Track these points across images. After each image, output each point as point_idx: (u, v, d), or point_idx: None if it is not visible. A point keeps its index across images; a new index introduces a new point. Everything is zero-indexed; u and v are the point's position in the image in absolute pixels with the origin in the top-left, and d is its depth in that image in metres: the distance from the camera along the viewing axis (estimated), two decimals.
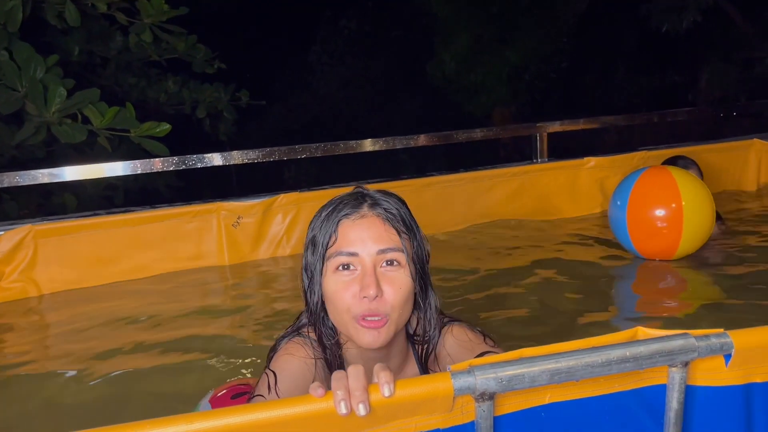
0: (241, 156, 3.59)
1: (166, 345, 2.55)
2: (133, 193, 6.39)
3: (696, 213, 2.89)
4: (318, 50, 12.86)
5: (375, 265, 1.31)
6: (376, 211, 1.35)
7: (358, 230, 1.32)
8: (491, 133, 4.43)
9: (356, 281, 1.30)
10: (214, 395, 1.79)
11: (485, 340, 1.46)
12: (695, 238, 2.94)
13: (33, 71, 3.80)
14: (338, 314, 1.34)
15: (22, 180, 3.28)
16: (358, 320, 1.30)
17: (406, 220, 1.37)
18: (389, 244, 1.32)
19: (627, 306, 2.65)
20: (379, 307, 1.29)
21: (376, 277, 1.29)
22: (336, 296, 1.32)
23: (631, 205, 3.02)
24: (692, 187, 2.94)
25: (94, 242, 3.25)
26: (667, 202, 2.91)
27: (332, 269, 1.33)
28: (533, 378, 0.95)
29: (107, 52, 5.85)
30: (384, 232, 1.32)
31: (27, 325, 2.91)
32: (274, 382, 1.35)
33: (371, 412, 0.92)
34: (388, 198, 1.39)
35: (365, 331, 1.30)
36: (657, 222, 2.93)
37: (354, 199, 1.37)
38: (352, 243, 1.31)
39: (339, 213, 1.34)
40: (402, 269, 1.32)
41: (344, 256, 1.31)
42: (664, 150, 4.17)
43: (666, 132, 8.51)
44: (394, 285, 1.31)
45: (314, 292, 1.38)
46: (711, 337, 1.01)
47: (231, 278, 3.32)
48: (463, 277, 3.08)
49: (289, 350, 1.42)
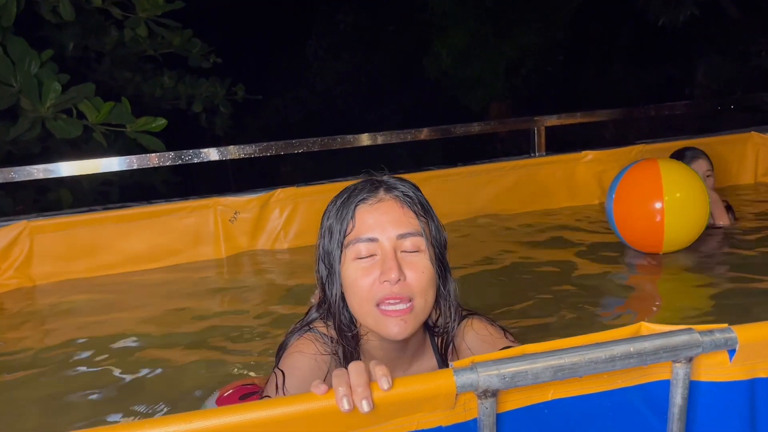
0: (238, 151, 3.58)
1: (163, 342, 2.54)
2: (129, 189, 6.36)
3: (680, 207, 2.83)
4: (314, 45, 12.79)
5: (395, 250, 1.27)
6: (393, 194, 1.32)
7: (375, 214, 1.29)
8: (489, 127, 4.42)
9: (376, 266, 1.27)
10: (220, 396, 1.77)
11: (506, 335, 1.44)
12: (681, 232, 2.89)
13: (27, 66, 3.77)
14: (359, 304, 1.29)
15: (18, 176, 3.26)
16: (381, 310, 1.26)
17: (423, 203, 1.35)
18: (408, 228, 1.29)
19: (628, 300, 2.63)
20: (402, 291, 1.26)
21: (397, 260, 1.26)
22: (356, 284, 1.28)
23: (617, 199, 3.00)
24: (679, 181, 2.87)
25: (90, 238, 3.23)
26: (649, 197, 2.87)
27: (351, 257, 1.29)
28: (536, 374, 0.94)
29: (102, 46, 5.82)
30: (402, 215, 1.30)
31: (21, 320, 2.89)
32: (282, 383, 1.31)
33: (373, 409, 0.91)
34: (404, 182, 1.36)
35: (390, 321, 1.26)
36: (639, 217, 2.91)
37: (369, 184, 1.34)
38: (371, 228, 1.28)
39: (355, 198, 1.31)
40: (422, 254, 1.29)
41: (363, 242, 1.28)
42: (661, 143, 4.17)
43: (663, 125, 8.51)
44: (417, 269, 1.28)
45: (333, 282, 1.34)
46: (715, 333, 1.00)
47: (228, 273, 3.31)
48: (459, 272, 3.07)
49: (299, 347, 1.38)
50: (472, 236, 3.65)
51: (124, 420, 1.92)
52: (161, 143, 4.07)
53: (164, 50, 5.82)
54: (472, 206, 3.87)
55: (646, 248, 3.04)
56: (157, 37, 5.58)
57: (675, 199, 2.84)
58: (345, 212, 1.31)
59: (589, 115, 4.50)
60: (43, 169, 3.31)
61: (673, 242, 2.94)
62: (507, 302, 2.65)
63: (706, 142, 4.13)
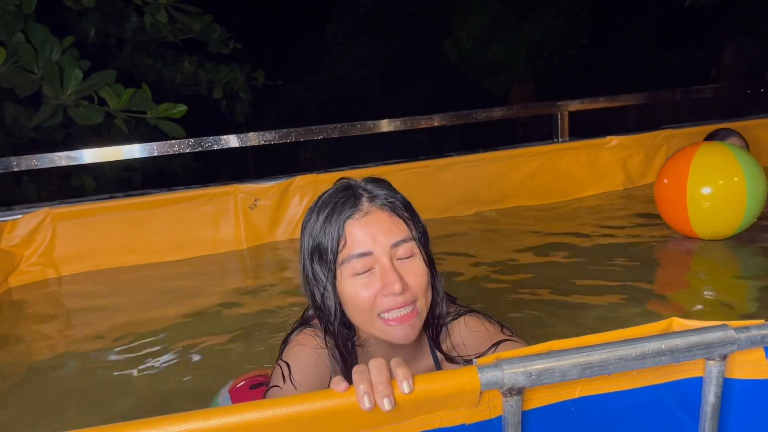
0: (258, 138, 3.56)
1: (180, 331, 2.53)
2: (151, 174, 6.41)
3: (703, 192, 2.81)
4: (333, 29, 12.71)
5: (391, 260, 1.27)
6: (378, 203, 1.30)
7: (365, 228, 1.27)
8: (511, 112, 4.35)
9: (375, 280, 1.27)
10: (233, 385, 1.78)
11: (502, 330, 1.43)
12: (705, 217, 2.86)
13: (49, 53, 3.78)
14: (361, 316, 1.30)
15: (40, 163, 3.28)
16: (385, 320, 1.28)
17: (406, 204, 1.35)
18: (400, 236, 1.29)
19: (659, 292, 2.55)
20: (407, 299, 1.27)
21: (396, 272, 1.26)
22: (357, 299, 1.28)
23: (656, 181, 3.05)
24: (708, 166, 2.81)
25: (112, 225, 3.25)
26: (675, 180, 2.88)
27: (348, 275, 1.28)
28: (563, 372, 0.91)
29: (123, 33, 5.83)
30: (392, 224, 1.29)
31: (45, 307, 2.92)
32: (288, 373, 1.34)
33: (395, 407, 0.88)
34: (381, 186, 1.35)
35: (396, 328, 1.27)
36: (665, 199, 2.96)
37: (349, 196, 1.31)
38: (363, 243, 1.27)
39: (341, 215, 1.28)
40: (416, 257, 1.30)
41: (358, 258, 1.27)
42: (688, 128, 4.08)
43: (688, 109, 8.34)
44: (416, 274, 1.29)
45: (327, 301, 1.33)
46: (751, 329, 0.96)
47: (249, 260, 3.31)
48: (484, 261, 3.04)
49: (300, 341, 1.41)
50: (494, 224, 3.61)
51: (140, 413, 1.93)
52: (182, 129, 4.08)
53: (184, 36, 5.81)
54: (494, 193, 3.83)
55: (680, 231, 3.02)
56: (177, 23, 5.58)
57: (699, 181, 2.81)
58: (332, 229, 1.29)
59: (613, 99, 4.42)
60: (66, 157, 3.33)
61: (700, 228, 2.90)
62: (530, 292, 2.61)
63: (741, 125, 4.03)
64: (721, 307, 2.34)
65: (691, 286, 2.63)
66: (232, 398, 1.72)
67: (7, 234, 3.08)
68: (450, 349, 1.42)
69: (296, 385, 1.33)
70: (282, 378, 1.34)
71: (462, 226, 3.58)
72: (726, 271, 2.79)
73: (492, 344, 1.37)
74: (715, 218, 2.86)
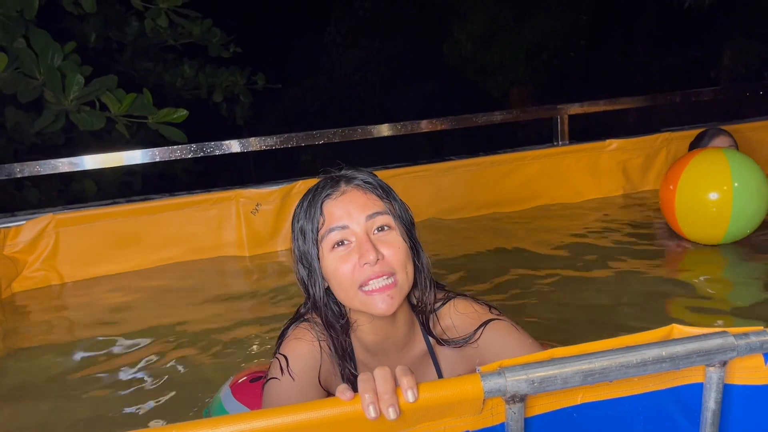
0: (259, 143, 3.58)
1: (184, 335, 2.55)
2: (152, 178, 6.42)
3: (690, 196, 2.87)
4: (332, 32, 12.73)
5: (367, 233, 1.33)
6: (354, 183, 1.38)
7: (341, 204, 1.35)
8: (511, 116, 4.36)
9: (354, 252, 1.32)
10: (234, 381, 1.81)
11: (490, 310, 1.48)
12: (689, 220, 2.92)
13: (51, 59, 3.79)
14: (344, 290, 1.34)
15: (43, 169, 3.30)
16: (366, 291, 1.31)
17: (383, 186, 1.41)
18: (375, 209, 1.35)
19: (659, 297, 2.54)
20: (383, 269, 1.31)
21: (371, 242, 1.32)
22: (338, 272, 1.33)
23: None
24: (699, 172, 2.86)
25: (115, 230, 3.26)
26: (666, 184, 2.99)
27: (328, 249, 1.34)
28: (566, 379, 0.92)
29: (123, 37, 5.85)
30: (367, 199, 1.36)
31: (48, 312, 2.93)
32: (286, 365, 1.39)
33: (400, 416, 0.90)
34: (361, 171, 1.42)
35: (376, 298, 1.31)
36: (662, 199, 3.04)
37: (330, 180, 1.40)
38: (340, 217, 1.34)
39: (320, 196, 1.37)
40: (393, 230, 1.35)
41: (335, 231, 1.33)
42: (687, 131, 4.09)
43: (687, 110, 8.35)
44: (392, 246, 1.34)
45: (315, 280, 1.39)
46: (750, 335, 0.97)
47: (250, 265, 3.32)
48: (484, 264, 3.05)
49: (296, 335, 1.45)
50: (494, 227, 3.62)
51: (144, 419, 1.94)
52: (183, 134, 4.09)
53: (184, 40, 5.84)
54: (494, 196, 3.84)
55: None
56: (177, 27, 5.61)
57: (688, 187, 2.88)
58: (313, 211, 1.37)
59: (613, 102, 4.42)
60: (68, 163, 3.34)
61: (687, 229, 2.97)
62: (531, 297, 2.62)
63: (736, 128, 4.04)
64: (721, 313, 2.35)
65: (690, 290, 2.64)
66: (233, 393, 1.75)
67: (11, 240, 3.09)
68: (441, 333, 1.47)
69: (294, 376, 1.37)
70: (280, 370, 1.38)
71: (462, 230, 3.59)
72: (726, 276, 2.80)
73: (480, 324, 1.42)
74: (700, 227, 2.92)
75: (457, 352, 1.45)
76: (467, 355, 1.44)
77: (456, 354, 1.45)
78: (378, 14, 12.41)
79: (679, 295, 2.57)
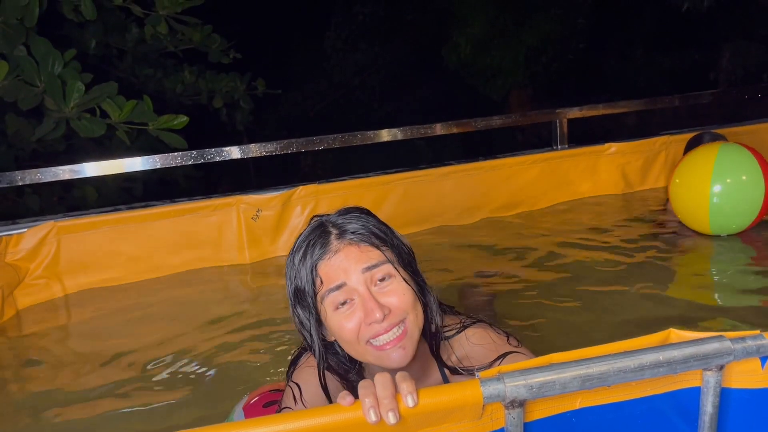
0: (260, 149, 3.58)
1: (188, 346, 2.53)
2: (152, 184, 6.42)
3: (685, 190, 3.08)
4: (332, 36, 12.76)
5: (368, 288, 1.29)
6: (347, 239, 1.32)
7: (336, 263, 1.30)
8: (510, 121, 4.39)
9: (358, 309, 1.29)
10: (247, 402, 1.79)
11: (509, 340, 1.44)
12: (687, 213, 3.12)
13: (51, 66, 3.81)
14: (353, 347, 1.32)
15: (44, 177, 3.31)
16: (376, 347, 1.28)
17: (376, 233, 1.35)
18: (371, 261, 1.30)
19: (657, 301, 2.54)
20: (392, 321, 1.28)
21: (374, 298, 1.28)
22: (343, 332, 1.30)
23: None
24: (691, 166, 3.06)
25: (116, 237, 3.27)
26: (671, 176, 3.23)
27: (331, 309, 1.31)
28: (564, 384, 0.93)
29: (123, 44, 5.87)
30: (360, 253, 1.31)
31: (50, 320, 2.94)
32: (299, 394, 1.38)
33: (400, 420, 0.91)
34: (351, 218, 1.35)
35: (389, 353, 1.28)
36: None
37: (319, 235, 1.34)
38: (336, 277, 1.30)
39: (312, 257, 1.32)
40: (395, 278, 1.31)
41: (335, 292, 1.29)
42: (687, 134, 4.10)
43: (686, 113, 8.35)
44: (396, 294, 1.30)
45: (315, 342, 1.37)
46: (747, 339, 0.99)
47: (251, 271, 3.33)
48: (485, 269, 3.06)
49: (309, 363, 1.44)
50: (494, 232, 3.63)
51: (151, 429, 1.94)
52: (183, 140, 4.10)
53: (184, 46, 5.85)
54: (494, 201, 3.85)
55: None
56: (177, 33, 5.61)
57: (683, 180, 3.12)
58: (306, 273, 1.32)
59: (612, 106, 4.44)
60: (69, 170, 3.35)
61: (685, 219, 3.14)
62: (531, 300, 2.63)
63: (734, 131, 4.06)
64: (718, 315, 2.36)
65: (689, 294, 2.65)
66: (246, 416, 1.74)
67: (12, 248, 3.10)
68: (457, 362, 1.42)
69: (307, 405, 1.37)
70: (293, 399, 1.38)
71: (463, 235, 3.60)
72: (723, 280, 2.80)
73: (498, 356, 1.38)
74: (690, 219, 3.15)
75: None
76: None
77: None
78: (377, 19, 12.45)
79: (677, 298, 2.58)
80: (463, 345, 1.44)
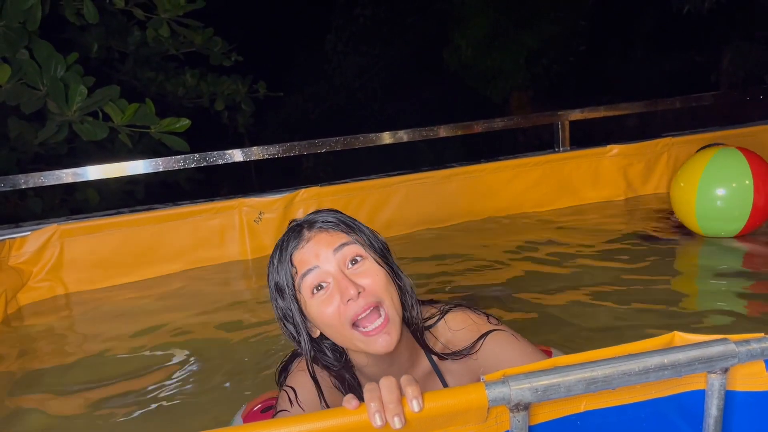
0: (262, 152, 3.59)
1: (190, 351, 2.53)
2: (154, 187, 6.44)
3: (681, 193, 3.15)
4: (333, 39, 12.78)
5: (341, 269, 1.32)
6: (317, 227, 1.37)
7: (307, 250, 1.34)
8: (512, 123, 4.38)
9: (334, 293, 1.31)
10: (246, 411, 1.79)
11: (489, 320, 1.48)
12: (681, 215, 3.22)
13: (53, 70, 3.82)
14: (338, 333, 1.33)
15: (47, 180, 3.32)
16: (362, 332, 1.30)
17: (346, 221, 1.39)
18: (340, 241, 1.34)
19: (658, 300, 2.54)
20: (368, 300, 1.30)
21: (348, 277, 1.31)
22: (324, 316, 1.32)
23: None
24: (694, 169, 3.10)
25: (119, 240, 3.28)
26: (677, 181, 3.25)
27: (308, 296, 1.33)
28: (569, 387, 0.93)
29: (125, 47, 5.89)
30: (329, 237, 1.35)
31: (54, 323, 2.94)
32: (295, 396, 1.39)
33: (405, 425, 0.91)
34: (322, 213, 1.41)
35: (374, 338, 1.30)
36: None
37: (293, 232, 1.39)
38: (309, 261, 1.33)
39: (287, 251, 1.36)
40: (366, 260, 1.34)
41: (309, 275, 1.32)
42: (688, 136, 4.11)
43: (688, 114, 8.35)
44: (369, 274, 1.33)
45: (302, 334, 1.38)
46: (751, 342, 0.98)
47: (254, 274, 3.33)
48: (486, 270, 3.06)
49: (301, 367, 1.45)
50: (496, 234, 3.63)
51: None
52: (185, 143, 4.11)
53: (186, 49, 5.87)
54: (496, 203, 3.86)
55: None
56: (179, 36, 5.63)
57: (683, 184, 3.16)
58: (283, 265, 1.36)
59: (614, 108, 4.44)
60: (72, 173, 3.36)
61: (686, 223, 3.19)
62: (532, 302, 2.63)
63: (734, 133, 4.06)
64: (722, 318, 2.36)
65: (692, 296, 2.65)
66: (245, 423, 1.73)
67: (16, 251, 3.10)
68: (443, 348, 1.46)
69: (304, 406, 1.37)
70: (289, 402, 1.39)
71: (464, 236, 3.60)
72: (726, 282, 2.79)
73: (480, 335, 1.42)
74: (681, 216, 3.24)
75: (461, 365, 1.44)
76: (472, 368, 1.43)
77: (461, 368, 1.45)
78: (378, 21, 12.46)
79: (680, 301, 2.58)
80: (446, 330, 1.47)
